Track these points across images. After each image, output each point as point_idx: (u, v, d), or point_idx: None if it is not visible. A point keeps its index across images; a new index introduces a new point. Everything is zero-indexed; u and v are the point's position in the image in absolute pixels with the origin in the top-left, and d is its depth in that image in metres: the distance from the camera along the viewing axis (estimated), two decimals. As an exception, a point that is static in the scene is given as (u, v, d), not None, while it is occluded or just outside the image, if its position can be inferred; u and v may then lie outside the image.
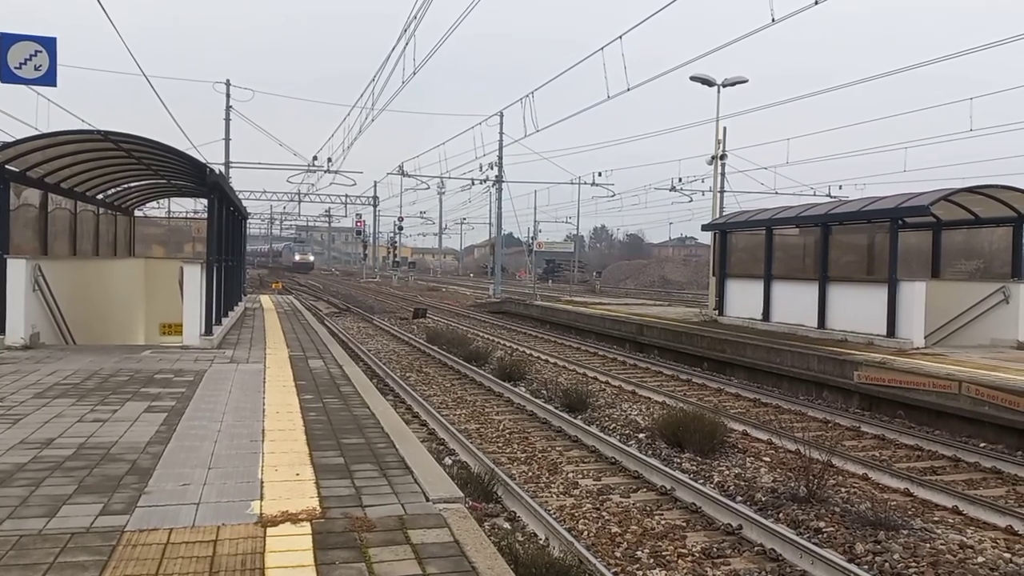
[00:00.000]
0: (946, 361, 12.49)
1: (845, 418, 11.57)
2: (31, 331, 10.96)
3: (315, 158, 41.77)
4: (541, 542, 6.37)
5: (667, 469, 8.28)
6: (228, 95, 34.86)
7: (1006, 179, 15.03)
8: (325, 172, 42.07)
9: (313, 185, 56.10)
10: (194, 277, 11.43)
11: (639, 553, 6.28)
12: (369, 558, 3.65)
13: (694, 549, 6.36)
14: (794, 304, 17.31)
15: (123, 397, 7.48)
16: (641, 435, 10.27)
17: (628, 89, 19.38)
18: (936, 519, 7.20)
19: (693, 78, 23.93)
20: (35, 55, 8.28)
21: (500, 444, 9.97)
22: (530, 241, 67.57)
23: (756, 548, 6.35)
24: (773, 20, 14.44)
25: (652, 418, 11.01)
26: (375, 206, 66.61)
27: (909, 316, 14.34)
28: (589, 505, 7.49)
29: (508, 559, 4.42)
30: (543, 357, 18.35)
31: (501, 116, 39.96)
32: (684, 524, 6.98)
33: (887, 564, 6.01)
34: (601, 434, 9.99)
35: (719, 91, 24.30)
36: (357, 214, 71.96)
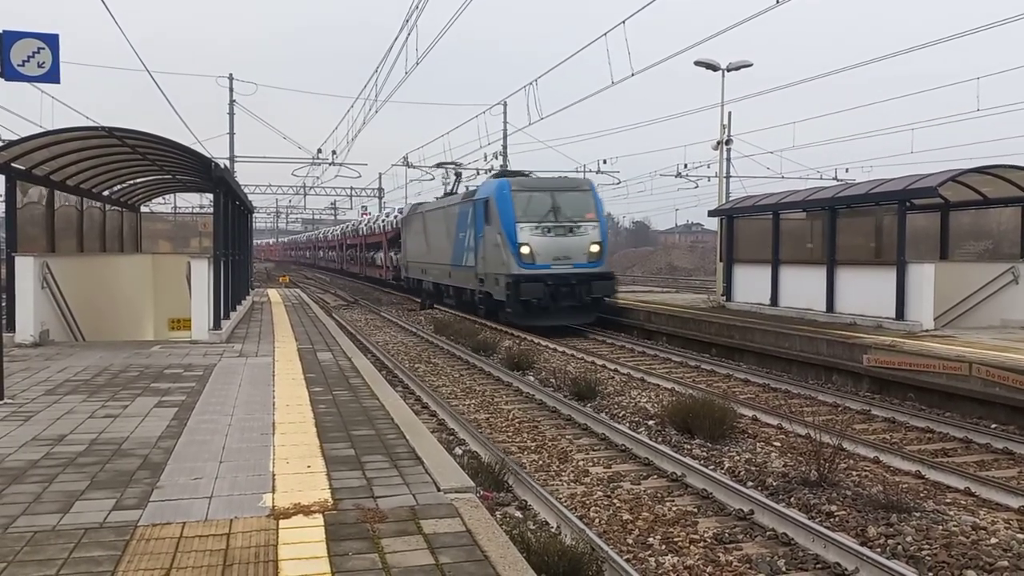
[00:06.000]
0: (956, 343, 12.44)
1: (855, 402, 11.54)
2: (41, 328, 11.01)
3: (319, 151, 41.80)
4: (553, 530, 6.37)
5: (677, 456, 8.28)
6: (231, 89, 34.90)
7: (1014, 159, 14.97)
8: (330, 165, 42.10)
9: (318, 178, 55.95)
10: (202, 272, 11.47)
11: (651, 539, 6.29)
12: (381, 549, 3.66)
13: (706, 535, 6.36)
14: (802, 288, 17.26)
15: (134, 392, 7.51)
16: (651, 422, 10.27)
17: (632, 74, 19.33)
18: (948, 501, 7.18)
19: (697, 63, 23.80)
20: (38, 52, 8.26)
21: (510, 433, 9.98)
22: (536, 230, 67.19)
23: (768, 533, 6.35)
24: (777, 1, 14.35)
25: (661, 405, 10.99)
26: (380, 198, 66.40)
27: (918, 298, 14.29)
28: (600, 493, 7.49)
29: (520, 547, 4.43)
30: (551, 346, 18.34)
31: (505, 105, 39.87)
32: (695, 510, 6.97)
33: (900, 547, 5.99)
34: (611, 422, 9.99)
35: (723, 75, 24.15)
36: (363, 206, 71.75)
